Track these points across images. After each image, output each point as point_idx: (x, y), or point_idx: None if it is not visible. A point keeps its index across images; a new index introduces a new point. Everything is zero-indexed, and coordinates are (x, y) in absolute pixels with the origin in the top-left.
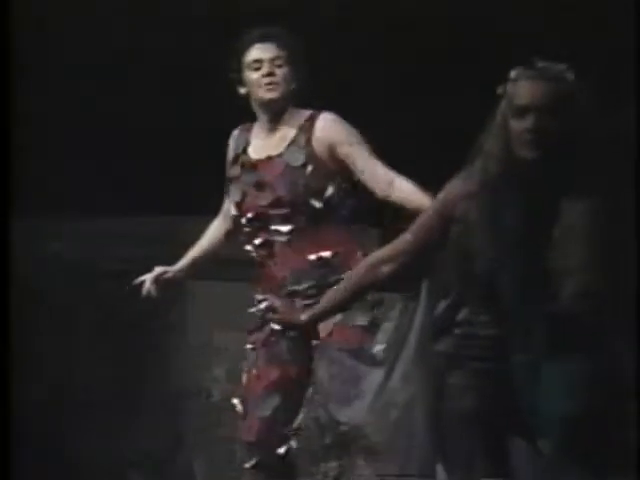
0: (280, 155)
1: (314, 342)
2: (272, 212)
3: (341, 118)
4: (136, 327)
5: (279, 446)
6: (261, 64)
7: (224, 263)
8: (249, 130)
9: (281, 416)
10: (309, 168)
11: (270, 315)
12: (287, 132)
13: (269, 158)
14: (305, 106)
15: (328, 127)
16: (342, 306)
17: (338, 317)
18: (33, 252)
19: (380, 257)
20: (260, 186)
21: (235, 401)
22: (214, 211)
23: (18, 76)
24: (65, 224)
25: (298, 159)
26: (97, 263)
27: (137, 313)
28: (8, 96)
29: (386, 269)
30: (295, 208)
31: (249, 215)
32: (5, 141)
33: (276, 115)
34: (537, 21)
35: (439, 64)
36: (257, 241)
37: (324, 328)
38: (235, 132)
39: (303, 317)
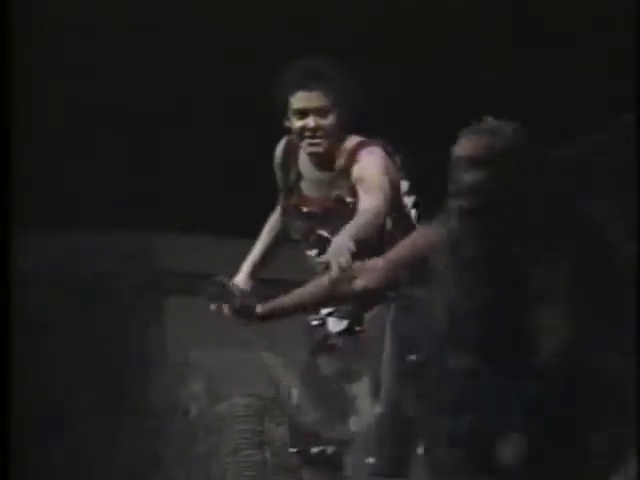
0: (331, 202)
1: (357, 328)
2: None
3: (377, 158)
4: (115, 343)
5: (314, 446)
6: (306, 114)
7: (200, 278)
8: (296, 153)
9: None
10: None
11: (225, 297)
12: (334, 170)
13: (321, 204)
14: None
15: (358, 179)
16: (304, 309)
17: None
18: (14, 267)
19: (353, 272)
20: (320, 236)
21: (295, 392)
22: (196, 227)
23: (18, 75)
24: (47, 238)
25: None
26: (77, 278)
27: (116, 328)
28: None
29: (359, 284)
30: (358, 252)
31: (314, 250)
32: None
33: (324, 158)
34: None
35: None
36: (320, 261)
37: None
38: (280, 152)
39: (260, 309)
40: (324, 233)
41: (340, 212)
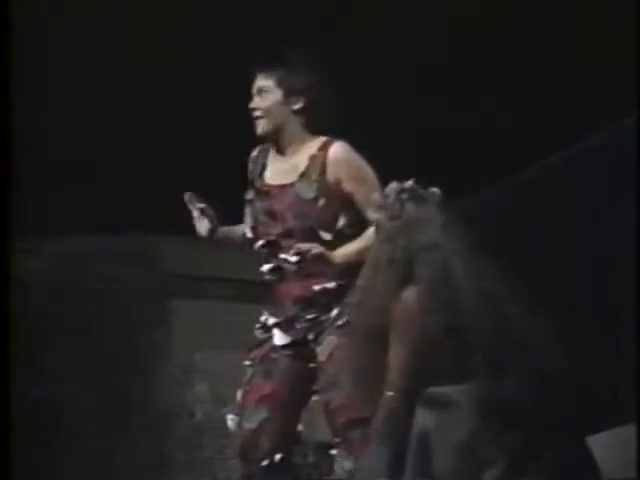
0: (292, 185)
1: (311, 365)
2: (282, 242)
3: (351, 149)
4: (120, 346)
5: (263, 459)
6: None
7: (204, 281)
8: (267, 152)
9: (267, 429)
10: (321, 202)
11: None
12: (299, 160)
13: (281, 187)
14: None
15: (337, 161)
16: None
17: (335, 341)
18: (15, 270)
19: None
20: (271, 215)
21: (229, 417)
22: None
23: (18, 76)
24: (47, 242)
25: (309, 192)
26: (79, 281)
27: (121, 331)
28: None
29: None
30: (304, 240)
31: (261, 242)
32: None
33: (278, 144)
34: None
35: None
36: (267, 266)
37: (322, 352)
38: (254, 153)
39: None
40: (281, 212)
41: (290, 193)
